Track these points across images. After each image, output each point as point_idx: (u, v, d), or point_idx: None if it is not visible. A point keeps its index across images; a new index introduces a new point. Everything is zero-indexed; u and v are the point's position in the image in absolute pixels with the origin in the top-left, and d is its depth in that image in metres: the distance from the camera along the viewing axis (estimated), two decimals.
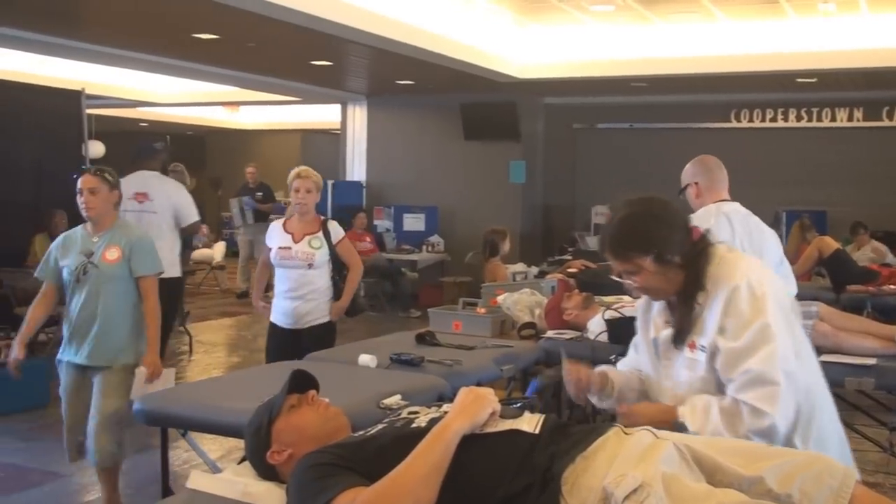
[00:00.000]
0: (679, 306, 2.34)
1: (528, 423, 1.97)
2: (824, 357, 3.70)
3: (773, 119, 12.01)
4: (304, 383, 2.24)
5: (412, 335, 4.36)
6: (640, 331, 2.57)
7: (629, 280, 2.36)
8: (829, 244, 8.07)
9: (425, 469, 1.85)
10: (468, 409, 1.97)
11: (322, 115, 15.74)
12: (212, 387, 3.63)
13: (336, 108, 13.60)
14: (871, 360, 3.93)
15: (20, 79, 9.32)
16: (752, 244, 3.53)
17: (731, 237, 3.43)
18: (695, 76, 10.13)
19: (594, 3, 8.80)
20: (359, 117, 13.28)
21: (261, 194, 12.30)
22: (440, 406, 2.14)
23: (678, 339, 2.34)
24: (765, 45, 9.46)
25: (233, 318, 10.69)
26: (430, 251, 12.24)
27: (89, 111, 7.63)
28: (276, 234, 4.97)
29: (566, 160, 13.03)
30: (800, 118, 11.90)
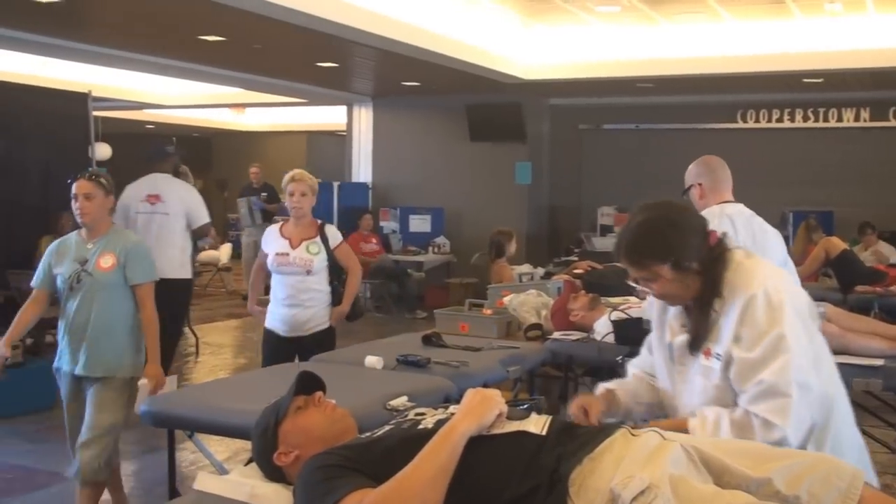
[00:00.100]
0: (695, 313, 2.29)
1: (535, 425, 1.97)
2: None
3: (780, 119, 11.99)
4: (310, 385, 2.24)
5: (418, 336, 4.35)
6: (654, 332, 2.51)
7: (646, 287, 2.31)
8: (836, 245, 8.05)
9: (432, 471, 1.85)
10: (475, 410, 1.96)
11: (328, 116, 15.76)
12: (218, 388, 3.64)
13: (342, 109, 13.61)
14: (879, 361, 3.91)
15: (27, 81, 9.34)
16: (755, 246, 3.51)
17: (734, 239, 3.42)
18: (701, 77, 10.12)
19: (600, 4, 8.80)
20: (364, 119, 13.29)
21: (265, 195, 12.29)
22: (447, 407, 2.14)
23: (693, 346, 2.30)
24: (771, 46, 9.45)
25: (239, 320, 10.69)
26: (436, 252, 12.24)
27: (96, 113, 7.64)
28: (272, 239, 4.83)
29: (572, 161, 13.01)
30: (806, 118, 11.88)
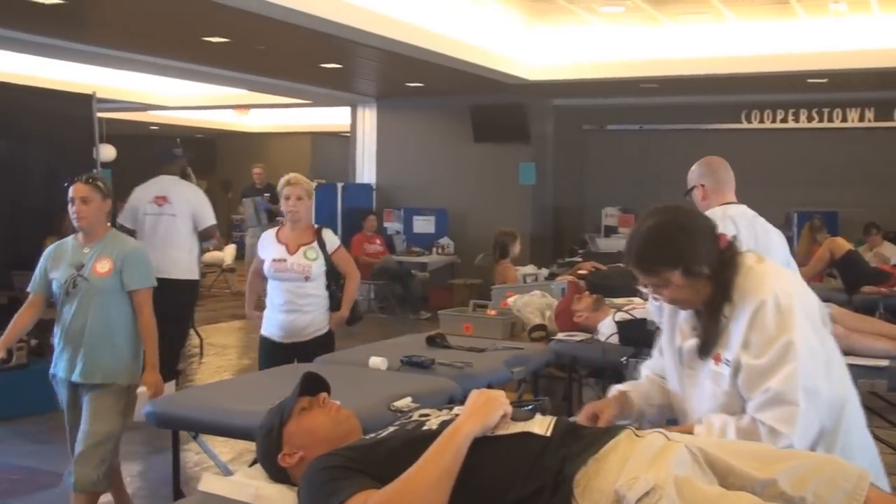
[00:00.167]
0: (705, 318, 2.27)
1: (540, 426, 1.97)
2: None
3: (784, 120, 11.97)
4: (315, 386, 2.24)
5: (422, 337, 4.35)
6: (665, 335, 2.49)
7: (657, 293, 2.30)
8: (841, 245, 8.04)
9: (436, 472, 1.85)
10: (479, 411, 1.96)
11: (332, 117, 15.76)
12: (223, 389, 3.64)
13: (346, 110, 13.61)
14: (884, 362, 3.89)
15: (31, 82, 9.35)
16: (757, 247, 3.49)
17: None
18: (705, 77, 10.11)
19: (603, 5, 8.80)
20: (368, 120, 13.30)
21: (268, 195, 12.29)
22: (451, 408, 2.14)
23: (703, 351, 2.28)
24: (775, 46, 9.44)
25: (243, 321, 10.67)
26: (439, 253, 12.24)
27: (100, 114, 7.65)
28: (269, 244, 4.76)
29: (576, 162, 13.01)
30: (811, 119, 11.86)
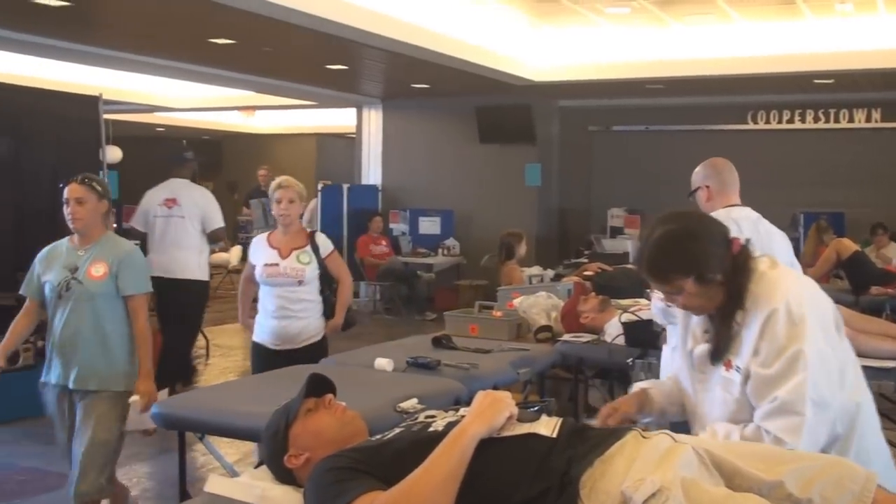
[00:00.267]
0: (717, 324, 2.26)
1: (546, 427, 1.96)
2: None
3: (791, 120, 11.94)
4: (320, 387, 2.24)
5: (428, 339, 4.35)
6: (679, 338, 2.48)
7: (670, 300, 2.28)
8: (848, 246, 8.02)
9: (442, 473, 1.85)
10: (485, 412, 1.95)
11: (337, 118, 15.76)
12: (229, 390, 3.65)
13: (351, 111, 13.62)
14: (891, 363, 3.88)
15: (38, 84, 9.36)
16: (761, 250, 3.49)
17: None
18: (711, 78, 10.10)
19: (609, 6, 8.79)
20: (374, 121, 13.30)
21: None
22: (457, 410, 2.13)
23: (714, 357, 2.27)
24: (781, 47, 9.42)
25: None
26: (445, 254, 12.23)
27: (106, 116, 7.66)
28: (260, 249, 4.66)
29: (582, 163, 13.00)
30: (817, 119, 11.83)
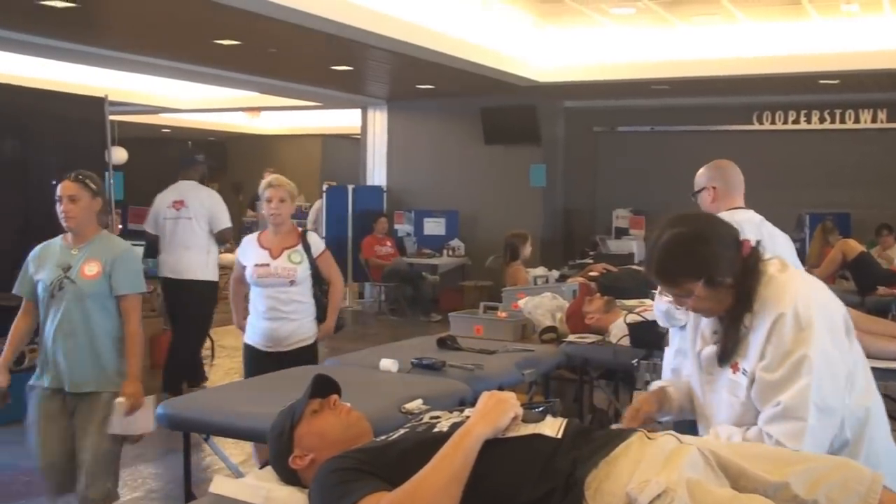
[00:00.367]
0: (725, 326, 2.25)
1: (551, 428, 1.96)
2: None
3: (796, 121, 11.91)
4: (325, 388, 2.24)
5: (433, 339, 4.35)
6: (688, 338, 2.47)
7: (679, 303, 2.28)
8: (853, 247, 8.00)
9: (447, 474, 1.84)
10: (490, 413, 1.95)
11: (342, 119, 15.77)
12: (233, 391, 3.64)
13: (356, 112, 13.63)
14: None
15: (43, 86, 9.38)
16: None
17: None
18: (716, 78, 10.09)
19: (614, 6, 8.78)
20: (379, 122, 13.31)
21: None
22: (462, 411, 2.13)
23: (722, 359, 2.26)
24: (787, 47, 9.40)
25: None
26: (450, 255, 12.24)
27: (112, 118, 7.67)
28: (250, 249, 4.57)
29: (587, 163, 12.98)
30: (823, 120, 11.80)
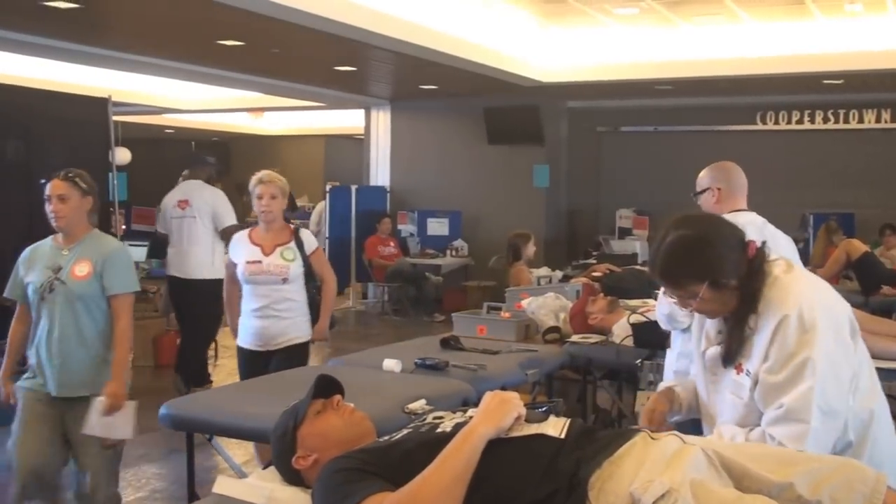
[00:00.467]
0: (730, 328, 2.25)
1: (554, 428, 1.96)
2: None
3: (800, 121, 11.90)
4: (329, 388, 2.24)
5: (437, 340, 4.34)
6: (693, 339, 2.48)
7: (683, 305, 2.27)
8: (857, 247, 7.98)
9: (451, 474, 1.84)
10: (493, 413, 1.95)
11: (346, 120, 15.78)
12: (237, 392, 3.64)
13: (360, 113, 13.63)
14: None
15: (47, 86, 9.39)
16: None
17: None
18: (720, 78, 10.08)
19: (617, 6, 8.78)
20: (382, 122, 13.31)
21: None
22: (465, 411, 2.13)
23: (726, 360, 2.26)
24: (791, 47, 9.39)
25: None
26: (453, 255, 12.23)
27: (115, 118, 7.68)
28: (241, 247, 4.51)
29: (590, 164, 12.98)
30: (826, 120, 11.79)
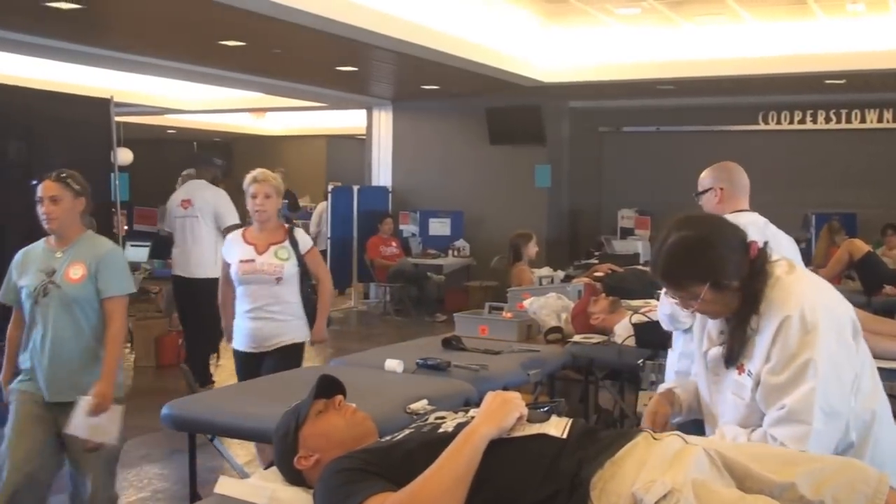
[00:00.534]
0: (731, 328, 2.25)
1: (556, 428, 1.96)
2: None
3: (802, 121, 11.89)
4: (330, 388, 2.24)
5: (438, 340, 4.34)
6: (695, 339, 2.47)
7: (685, 306, 2.27)
8: (860, 247, 7.97)
9: (452, 474, 1.84)
10: (495, 413, 1.95)
11: (347, 120, 15.79)
12: (239, 392, 3.64)
13: (362, 113, 13.63)
14: None
15: (49, 87, 9.40)
16: None
17: None
18: (722, 78, 10.07)
19: (619, 6, 8.77)
20: (384, 122, 13.31)
21: (286, 201, 12.26)
22: (467, 411, 2.13)
23: (728, 361, 2.26)
24: (793, 47, 9.38)
25: None
26: (455, 256, 12.23)
27: (117, 119, 7.68)
28: (235, 246, 4.44)
29: (592, 164, 12.98)
30: (828, 120, 11.78)
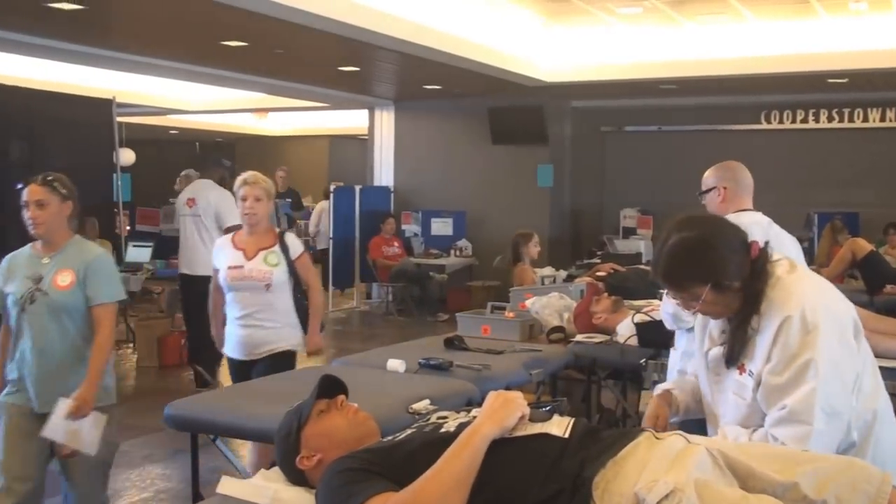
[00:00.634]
0: (732, 328, 2.24)
1: (558, 427, 1.95)
2: None
3: (804, 120, 11.88)
4: (332, 388, 2.24)
5: (440, 340, 4.33)
6: (696, 338, 2.47)
7: (686, 306, 2.27)
8: (863, 246, 7.96)
9: (454, 474, 1.84)
10: (497, 413, 1.95)
11: (350, 120, 15.81)
12: (241, 392, 3.64)
13: (364, 113, 13.64)
14: None
15: (52, 88, 9.42)
16: None
17: None
18: (724, 78, 10.06)
19: (621, 6, 8.77)
20: (386, 122, 13.31)
21: (289, 200, 12.28)
22: (469, 411, 2.13)
23: (729, 361, 2.26)
24: (795, 46, 9.38)
25: None
26: (458, 255, 12.23)
27: (120, 119, 7.70)
28: (223, 252, 4.36)
29: (594, 163, 12.97)
30: (831, 119, 11.77)
